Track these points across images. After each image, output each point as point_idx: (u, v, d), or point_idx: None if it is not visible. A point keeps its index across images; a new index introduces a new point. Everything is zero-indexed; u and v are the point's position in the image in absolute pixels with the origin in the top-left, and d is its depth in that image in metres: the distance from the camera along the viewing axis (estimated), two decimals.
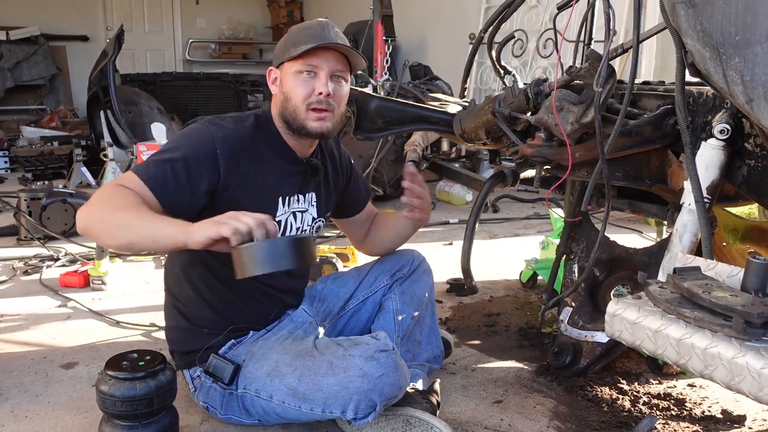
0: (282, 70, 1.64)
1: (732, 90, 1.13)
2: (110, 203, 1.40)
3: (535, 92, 1.79)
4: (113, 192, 1.43)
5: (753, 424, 1.78)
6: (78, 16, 8.87)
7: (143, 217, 1.36)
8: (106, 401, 1.45)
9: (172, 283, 1.75)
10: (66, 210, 3.49)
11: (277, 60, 1.65)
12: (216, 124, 1.59)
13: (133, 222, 1.35)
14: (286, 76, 1.62)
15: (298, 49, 1.56)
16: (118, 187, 1.44)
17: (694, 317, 1.10)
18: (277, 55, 1.66)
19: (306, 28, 1.63)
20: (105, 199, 1.42)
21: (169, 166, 1.48)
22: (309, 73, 1.59)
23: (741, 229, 2.25)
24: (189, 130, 1.61)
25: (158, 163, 1.49)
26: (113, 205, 1.39)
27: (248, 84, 8.17)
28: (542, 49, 2.93)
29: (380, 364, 1.46)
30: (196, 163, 1.51)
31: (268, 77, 1.69)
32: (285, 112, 1.63)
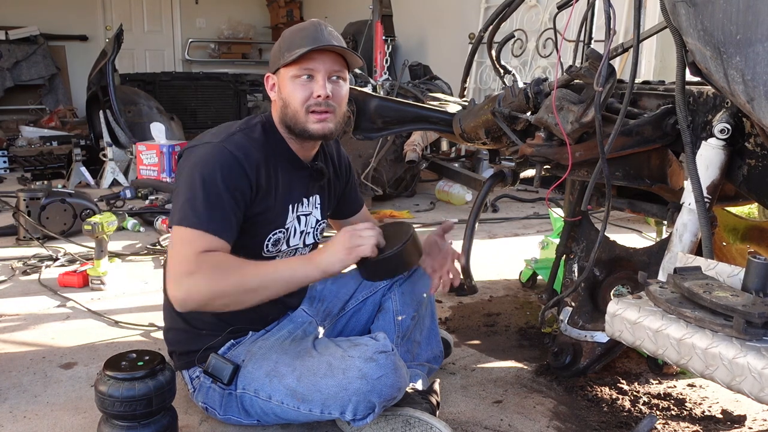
0: (279, 76, 1.62)
1: (733, 89, 1.13)
2: (215, 276, 1.43)
3: (534, 92, 1.79)
4: (205, 263, 1.43)
5: (753, 424, 1.78)
6: (77, 15, 8.87)
7: (262, 272, 1.48)
8: (105, 401, 1.45)
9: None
10: (65, 210, 3.48)
11: (273, 66, 1.63)
12: (233, 143, 1.54)
13: (258, 282, 1.46)
14: (283, 81, 1.60)
15: (293, 54, 1.55)
16: (198, 255, 1.44)
17: (694, 317, 1.09)
18: (272, 61, 1.64)
19: (299, 30, 1.61)
20: (206, 275, 1.43)
21: (219, 206, 1.49)
22: (307, 77, 1.57)
23: (741, 228, 2.25)
24: (210, 158, 1.52)
25: (208, 205, 1.47)
26: (222, 277, 1.43)
27: (248, 84, 8.16)
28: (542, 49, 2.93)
29: (379, 366, 1.46)
30: (237, 191, 1.52)
31: (266, 84, 1.67)
32: (286, 117, 1.62)
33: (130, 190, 4.67)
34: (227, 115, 8.10)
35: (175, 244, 1.49)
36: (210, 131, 1.66)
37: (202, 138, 1.62)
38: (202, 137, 1.63)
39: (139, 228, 3.72)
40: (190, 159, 1.55)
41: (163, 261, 3.13)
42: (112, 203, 4.42)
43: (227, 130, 1.61)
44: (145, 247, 3.35)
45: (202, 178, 1.49)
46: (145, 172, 5.15)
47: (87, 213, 3.48)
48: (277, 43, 1.64)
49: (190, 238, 1.46)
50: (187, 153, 1.59)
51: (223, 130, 1.61)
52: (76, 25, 8.83)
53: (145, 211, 3.99)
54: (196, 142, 1.59)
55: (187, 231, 1.47)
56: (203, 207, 1.47)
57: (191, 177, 1.50)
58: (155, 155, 5.11)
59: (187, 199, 1.49)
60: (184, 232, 1.47)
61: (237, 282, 1.45)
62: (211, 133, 1.63)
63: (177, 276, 1.45)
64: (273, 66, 1.63)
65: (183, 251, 1.46)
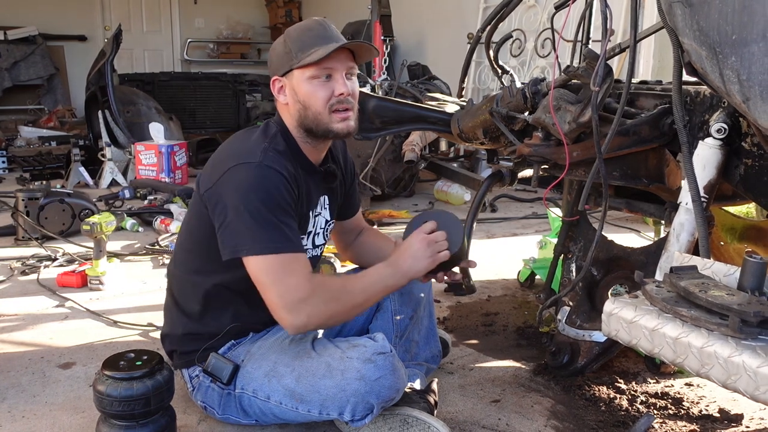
0: (291, 78, 1.57)
1: (728, 89, 1.13)
2: (329, 300, 1.51)
3: (532, 92, 1.79)
4: (317, 288, 1.49)
5: (750, 423, 1.78)
6: (76, 15, 8.87)
7: (364, 287, 1.56)
8: (104, 401, 1.45)
9: (177, 290, 1.73)
10: (64, 210, 3.48)
11: (281, 68, 1.58)
12: (271, 160, 1.52)
13: (363, 297, 1.55)
14: (299, 83, 1.56)
15: (310, 54, 1.52)
16: (307, 281, 1.48)
17: (690, 316, 1.10)
18: (279, 64, 1.59)
19: (307, 29, 1.58)
20: (321, 299, 1.49)
21: (285, 223, 1.50)
22: (325, 77, 1.56)
23: (739, 228, 2.25)
24: (260, 180, 1.49)
25: (277, 226, 1.48)
26: (335, 298, 1.52)
27: (246, 84, 8.15)
28: (541, 49, 2.93)
29: (378, 367, 1.46)
30: (290, 207, 1.53)
31: (272, 87, 1.62)
32: (306, 120, 1.59)
33: (128, 190, 4.67)
34: (226, 115, 8.10)
35: (271, 273, 1.47)
36: (231, 148, 1.62)
37: (225, 157, 1.58)
38: (226, 155, 1.58)
39: (138, 228, 3.72)
40: (232, 184, 1.50)
41: (161, 261, 3.14)
42: (111, 203, 4.43)
43: (256, 145, 1.56)
44: (143, 247, 3.35)
45: (261, 202, 1.47)
46: (144, 172, 5.15)
47: (86, 213, 3.48)
48: (280, 45, 1.60)
49: (283, 264, 1.47)
50: (224, 177, 1.52)
51: (251, 146, 1.56)
52: (75, 26, 8.83)
53: (144, 211, 3.99)
54: (229, 164, 1.53)
55: (275, 258, 1.47)
56: (274, 229, 1.48)
57: (248, 203, 1.47)
58: (154, 155, 5.11)
59: (252, 226, 1.47)
60: (273, 260, 1.47)
61: (348, 301, 1.53)
62: (238, 150, 1.58)
63: (293, 304, 1.47)
64: (281, 68, 1.58)
65: (287, 280, 1.47)
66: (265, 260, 1.47)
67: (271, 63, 1.63)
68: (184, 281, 1.71)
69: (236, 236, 1.49)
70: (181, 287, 1.72)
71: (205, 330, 1.66)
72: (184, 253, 1.73)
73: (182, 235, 1.75)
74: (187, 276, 1.70)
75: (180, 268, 1.73)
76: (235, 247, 1.49)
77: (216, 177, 1.54)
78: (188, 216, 1.74)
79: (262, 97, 8.09)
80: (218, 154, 1.64)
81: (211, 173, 1.57)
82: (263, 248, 1.47)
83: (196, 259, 1.67)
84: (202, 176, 1.63)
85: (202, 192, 1.59)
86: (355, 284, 1.56)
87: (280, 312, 1.49)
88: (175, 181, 5.12)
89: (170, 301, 1.75)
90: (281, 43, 1.60)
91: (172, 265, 1.78)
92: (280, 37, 1.62)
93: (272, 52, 1.63)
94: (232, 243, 1.49)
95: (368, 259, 1.91)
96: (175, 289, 1.74)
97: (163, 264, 3.11)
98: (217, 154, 1.65)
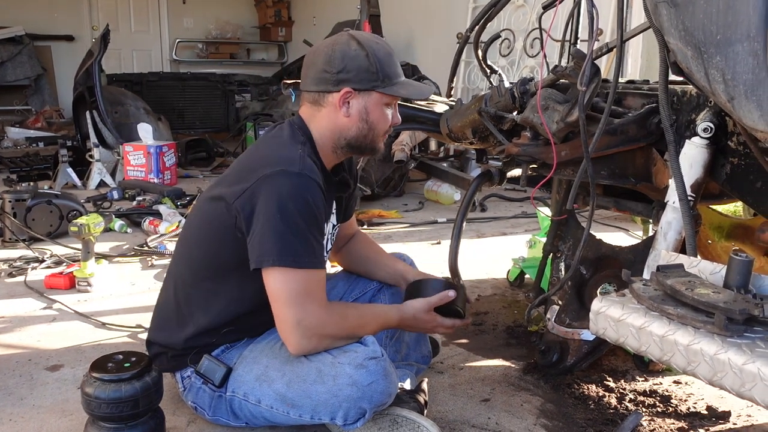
0: (368, 97, 1.57)
1: (714, 88, 1.14)
2: (339, 333, 1.53)
3: (521, 91, 1.80)
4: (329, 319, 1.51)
5: (738, 420, 1.80)
6: (63, 15, 8.80)
7: (374, 328, 1.60)
8: (92, 403, 1.44)
9: (184, 301, 1.66)
10: (51, 211, 3.46)
11: (361, 83, 1.55)
12: (309, 168, 1.50)
13: (368, 332, 1.56)
14: (375, 106, 1.58)
15: (397, 86, 1.59)
16: (324, 310, 1.50)
17: (677, 314, 1.10)
18: (359, 77, 1.54)
19: (389, 55, 1.59)
20: (331, 334, 1.51)
21: (316, 239, 1.51)
22: (392, 106, 1.63)
23: (726, 226, 2.27)
24: (300, 190, 1.47)
25: (309, 240, 1.48)
26: (344, 330, 1.54)
27: (236, 84, 8.14)
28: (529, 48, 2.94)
29: (369, 372, 1.46)
30: (322, 218, 1.56)
31: (339, 98, 1.55)
32: (362, 139, 1.60)
33: (117, 191, 4.64)
34: (215, 115, 8.08)
35: (291, 291, 1.46)
36: (264, 154, 1.59)
37: (258, 163, 1.54)
38: (260, 161, 1.54)
39: (127, 229, 3.70)
40: (271, 191, 1.46)
41: (150, 262, 3.12)
42: (99, 204, 4.40)
43: (292, 152, 1.53)
44: (132, 249, 3.33)
45: (298, 213, 1.46)
46: (133, 173, 5.12)
47: (73, 214, 3.46)
48: (362, 58, 1.54)
49: (305, 284, 1.47)
50: (260, 183, 1.48)
51: (288, 153, 1.53)
52: (62, 25, 8.76)
53: (133, 212, 3.97)
54: (265, 170, 1.48)
55: (296, 274, 1.46)
56: (305, 243, 1.47)
57: (284, 212, 1.45)
58: (142, 156, 5.09)
59: (284, 237, 1.45)
60: (294, 276, 1.46)
61: (356, 335, 1.54)
62: (274, 156, 1.54)
63: (307, 331, 1.48)
64: (361, 83, 1.55)
65: (307, 305, 1.47)
66: (291, 274, 1.46)
67: (345, 70, 1.54)
68: (192, 290, 1.65)
69: (267, 246, 1.46)
70: (187, 296, 1.65)
71: (207, 340, 1.64)
72: (193, 261, 1.66)
73: (191, 243, 1.68)
74: (197, 285, 1.64)
75: (188, 277, 1.66)
76: (264, 256, 1.46)
77: (249, 183, 1.49)
78: (198, 223, 1.66)
79: (251, 98, 8.07)
80: (248, 161, 1.60)
81: (243, 180, 1.51)
82: (289, 261, 1.45)
83: (210, 268, 1.61)
84: (228, 180, 1.58)
85: (229, 199, 1.52)
86: (369, 324, 1.59)
87: (290, 334, 1.48)
88: (164, 181, 5.09)
89: (172, 309, 1.68)
90: (363, 57, 1.54)
91: (177, 274, 1.70)
92: (355, 46, 1.55)
93: (348, 59, 1.54)
94: (262, 252, 1.46)
95: (357, 268, 1.93)
96: (181, 298, 1.66)
97: (152, 265, 3.10)
98: (246, 161, 1.62)
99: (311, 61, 1.60)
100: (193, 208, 1.78)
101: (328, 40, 1.61)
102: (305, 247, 1.47)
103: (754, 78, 1.07)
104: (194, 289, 1.65)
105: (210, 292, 1.63)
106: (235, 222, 1.51)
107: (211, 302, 1.63)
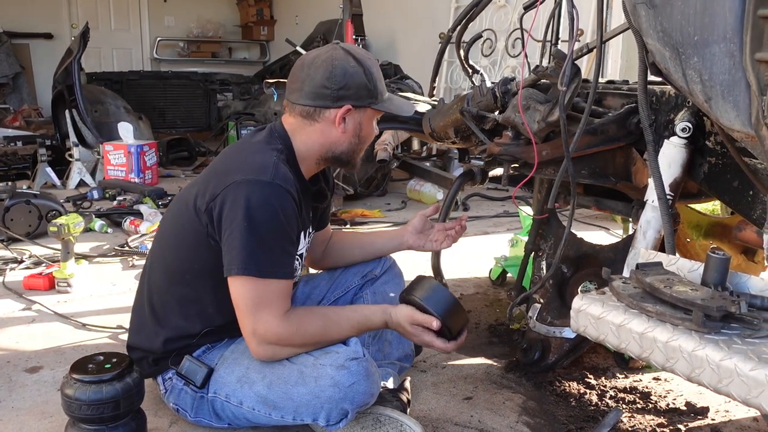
0: (362, 114, 1.59)
1: (691, 89, 1.16)
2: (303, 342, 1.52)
3: (502, 91, 1.81)
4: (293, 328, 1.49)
5: (716, 416, 1.82)
6: (42, 13, 8.68)
7: (339, 329, 1.55)
8: (72, 405, 1.43)
9: (159, 303, 1.65)
10: (30, 211, 3.41)
11: (359, 100, 1.55)
12: (282, 177, 1.48)
13: (337, 339, 1.54)
14: (368, 122, 1.61)
15: (388, 103, 1.61)
16: (286, 320, 1.48)
17: (656, 311, 1.12)
18: (358, 94, 1.55)
19: (379, 72, 1.60)
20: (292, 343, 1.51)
21: (286, 249, 1.51)
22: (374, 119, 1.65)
23: (704, 225, 2.30)
24: (270, 200, 1.46)
25: (275, 250, 1.48)
26: (309, 340, 1.52)
27: (217, 83, 8.09)
28: (511, 49, 2.95)
29: (351, 373, 1.45)
30: (294, 229, 1.53)
31: (337, 115, 1.54)
32: (352, 153, 1.62)
33: (97, 191, 4.59)
34: (197, 114, 8.02)
35: (248, 300, 1.46)
36: (237, 159, 1.56)
37: (231, 168, 1.52)
38: (233, 166, 1.52)
39: (107, 229, 3.66)
40: (239, 199, 1.45)
41: (131, 262, 3.09)
42: (79, 204, 4.35)
43: (266, 160, 1.50)
44: (112, 249, 3.30)
45: (266, 223, 1.45)
46: (113, 172, 5.07)
47: (53, 214, 3.41)
48: (360, 76, 1.55)
49: (265, 292, 1.46)
50: (230, 189, 1.47)
51: (262, 161, 1.50)
52: (41, 23, 8.64)
53: (113, 212, 3.93)
54: (236, 176, 1.47)
55: (257, 283, 1.46)
56: (269, 252, 1.46)
57: (251, 222, 1.44)
58: (123, 155, 5.04)
59: (249, 246, 1.44)
60: (255, 285, 1.46)
61: (317, 341, 1.53)
62: (247, 162, 1.52)
63: (263, 339, 1.48)
64: (359, 100, 1.55)
65: (262, 314, 1.46)
66: (250, 283, 1.46)
67: (346, 87, 1.53)
68: (167, 296, 1.64)
69: (233, 254, 1.46)
70: (163, 302, 1.64)
71: (186, 343, 1.63)
72: (167, 266, 1.65)
73: (165, 247, 1.67)
74: (171, 290, 1.63)
75: (163, 281, 1.65)
76: (230, 264, 1.46)
77: (219, 189, 1.48)
78: (172, 227, 1.66)
79: (233, 97, 8.03)
80: (222, 166, 1.58)
81: (215, 185, 1.50)
82: (253, 271, 1.45)
83: (185, 273, 1.60)
84: (199, 185, 1.56)
85: (200, 204, 1.52)
86: (340, 330, 1.55)
87: (249, 342, 1.51)
88: (144, 181, 5.05)
89: (148, 314, 1.66)
90: (361, 74, 1.55)
91: (151, 278, 1.68)
92: (353, 63, 1.55)
93: (349, 76, 1.54)
94: (229, 260, 1.47)
95: (349, 258, 1.92)
96: (156, 303, 1.65)
97: (133, 265, 3.07)
98: (220, 166, 1.59)
99: (306, 75, 1.55)
100: (168, 209, 1.76)
101: (324, 54, 1.56)
102: (270, 257, 1.46)
103: (731, 78, 1.09)
104: (169, 294, 1.64)
105: (185, 299, 1.62)
106: (207, 230, 1.51)
107: (187, 307, 1.62)
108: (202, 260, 1.55)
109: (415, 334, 1.57)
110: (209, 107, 8.01)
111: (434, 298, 1.56)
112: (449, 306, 1.56)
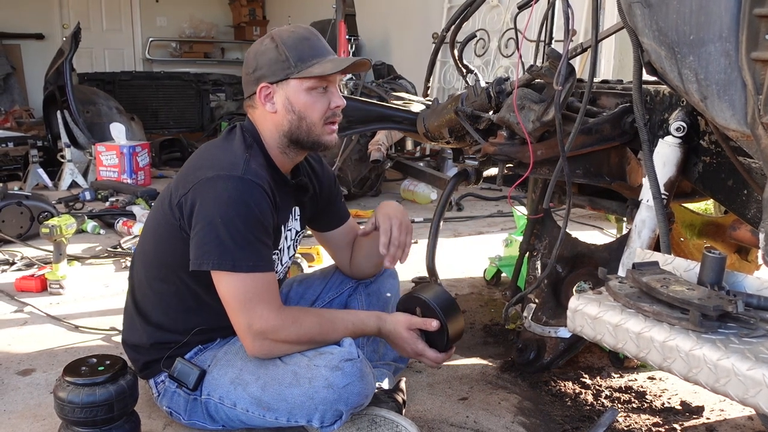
0: (286, 87, 1.53)
1: (687, 88, 1.16)
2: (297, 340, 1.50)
3: (496, 91, 1.81)
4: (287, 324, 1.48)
5: (711, 415, 1.83)
6: (33, 13, 8.63)
7: (333, 330, 1.53)
8: (65, 408, 1.42)
9: (141, 298, 1.67)
10: (22, 213, 3.39)
11: (273, 75, 1.53)
12: (252, 173, 1.48)
13: (332, 339, 1.52)
14: (297, 93, 1.53)
15: (312, 67, 1.51)
16: (279, 313, 1.47)
17: (652, 311, 1.11)
18: (271, 70, 1.53)
19: (303, 39, 1.54)
20: (287, 340, 1.49)
21: (262, 242, 1.49)
22: (323, 88, 1.55)
23: (698, 224, 2.30)
24: (240, 195, 1.45)
25: (253, 244, 1.46)
26: (303, 338, 1.50)
27: (210, 83, 8.07)
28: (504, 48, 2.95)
29: (345, 374, 1.45)
30: (268, 222, 1.51)
31: (259, 94, 1.54)
32: (298, 131, 1.56)
33: (89, 192, 4.57)
34: (189, 115, 8.00)
35: (240, 296, 1.46)
36: (208, 156, 1.57)
37: (202, 165, 1.53)
38: (204, 163, 1.53)
39: (99, 230, 3.64)
40: (211, 195, 1.46)
41: (124, 264, 3.08)
42: (71, 205, 4.33)
43: (237, 156, 1.51)
44: (105, 250, 3.28)
45: (240, 218, 1.44)
46: (105, 173, 5.05)
47: (45, 216, 3.39)
48: (272, 51, 1.53)
49: (254, 286, 1.46)
50: (200, 186, 1.48)
51: (232, 157, 1.51)
52: (32, 23, 8.59)
53: (105, 213, 3.91)
54: (207, 173, 1.48)
55: (246, 278, 1.45)
56: (249, 247, 1.45)
57: (225, 217, 1.44)
58: (115, 156, 5.02)
59: (226, 241, 1.44)
60: (243, 280, 1.45)
61: (311, 339, 1.51)
62: (217, 159, 1.53)
63: (258, 334, 1.47)
64: (273, 75, 1.53)
65: (256, 309, 1.46)
66: (235, 278, 1.45)
67: (258, 67, 1.55)
68: (148, 290, 1.66)
69: (205, 248, 1.45)
70: (144, 296, 1.67)
71: (172, 339, 1.62)
72: (147, 260, 1.67)
73: (146, 242, 1.69)
74: (151, 284, 1.65)
75: (143, 276, 1.67)
76: (202, 258, 1.46)
77: (190, 185, 1.49)
78: (152, 222, 1.68)
79: (226, 97, 8.01)
80: (194, 162, 1.59)
81: (186, 181, 1.52)
82: (229, 265, 1.44)
83: (162, 267, 1.62)
84: (174, 183, 1.58)
85: (173, 199, 1.53)
86: (334, 331, 1.53)
87: (244, 338, 1.50)
88: (137, 182, 5.03)
89: (132, 309, 1.69)
90: (272, 49, 1.53)
91: (134, 273, 1.71)
92: (267, 41, 1.55)
93: (260, 56, 1.55)
94: (200, 255, 1.46)
95: (365, 270, 1.87)
96: (138, 298, 1.68)
97: (126, 267, 3.05)
98: (193, 162, 1.60)
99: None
100: (152, 207, 1.77)
101: None
102: (246, 251, 1.45)
103: (726, 78, 1.09)
104: (150, 288, 1.66)
105: (163, 294, 1.63)
106: (179, 224, 1.52)
107: (167, 302, 1.63)
108: (176, 254, 1.55)
109: (409, 340, 1.58)
110: (202, 108, 7.99)
111: (440, 297, 1.60)
112: (451, 307, 1.59)
